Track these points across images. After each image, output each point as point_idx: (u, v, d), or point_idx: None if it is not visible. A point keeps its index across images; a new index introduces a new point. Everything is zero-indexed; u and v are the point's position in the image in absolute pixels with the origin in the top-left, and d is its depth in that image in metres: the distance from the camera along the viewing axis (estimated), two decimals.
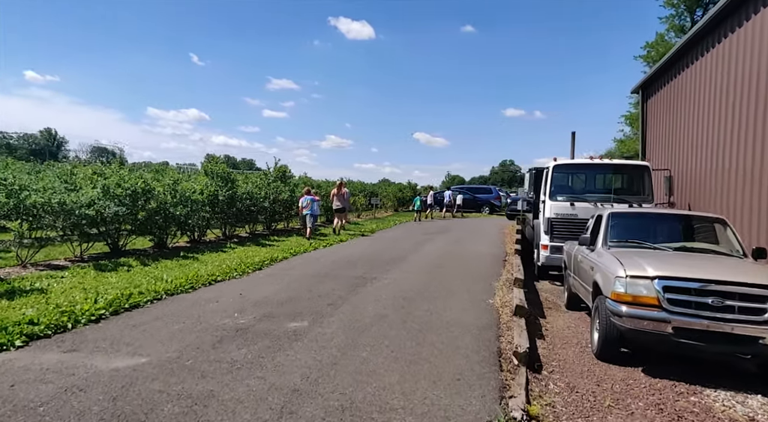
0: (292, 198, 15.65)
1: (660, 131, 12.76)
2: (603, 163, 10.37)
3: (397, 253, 11.33)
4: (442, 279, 8.32)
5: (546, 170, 10.72)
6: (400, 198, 31.86)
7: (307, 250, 11.64)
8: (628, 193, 10.41)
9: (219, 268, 8.65)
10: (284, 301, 6.60)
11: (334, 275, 8.49)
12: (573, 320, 7.02)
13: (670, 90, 12.13)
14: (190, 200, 10.47)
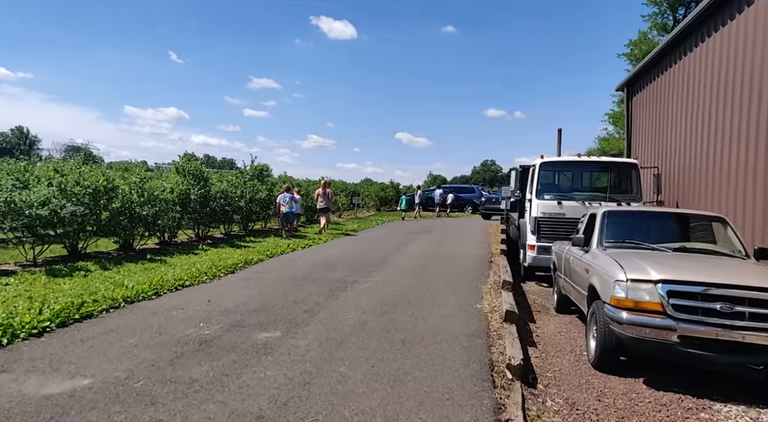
0: (270, 198, 15.05)
1: (646, 129, 12.58)
2: (591, 160, 10.09)
3: (380, 254, 10.86)
4: (427, 282, 7.88)
5: (532, 168, 10.39)
6: (382, 198, 31.41)
7: (284, 252, 11.09)
8: (617, 191, 10.15)
9: (188, 272, 8.05)
10: (256, 308, 6.06)
11: (312, 279, 7.97)
12: (564, 324, 6.66)
13: (655, 87, 11.94)
14: (159, 200, 9.82)
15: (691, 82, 9.78)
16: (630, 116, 13.82)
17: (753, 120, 7.42)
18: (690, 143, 9.69)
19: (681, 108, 10.22)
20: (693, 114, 9.60)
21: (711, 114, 8.78)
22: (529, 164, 10.84)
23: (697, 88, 9.48)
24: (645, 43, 23.56)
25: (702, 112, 9.18)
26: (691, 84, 9.78)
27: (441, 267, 9.33)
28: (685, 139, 9.94)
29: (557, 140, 11.91)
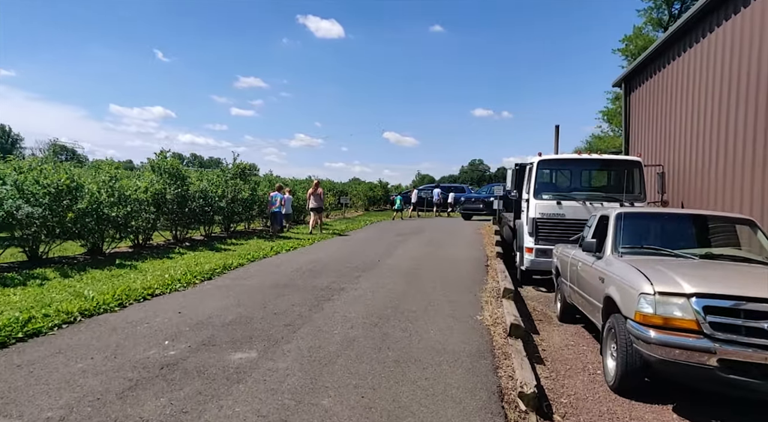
0: (254, 197, 14.32)
1: (646, 125, 12.13)
2: (592, 158, 9.57)
3: (369, 257, 10.23)
4: (421, 289, 7.27)
5: (529, 167, 9.86)
6: (370, 197, 30.77)
7: (267, 255, 10.39)
8: (619, 190, 9.63)
9: (160, 279, 7.34)
10: (231, 321, 5.40)
11: (296, 286, 7.32)
12: (570, 336, 6.11)
13: (656, 82, 11.49)
14: (131, 200, 9.07)
15: (695, 77, 9.32)
16: (628, 112, 13.38)
17: (762, 116, 6.98)
18: (695, 140, 9.23)
19: (685, 103, 9.76)
20: (698, 110, 9.14)
21: (717, 110, 8.32)
22: (525, 163, 10.30)
23: (701, 83, 9.02)
24: (640, 38, 23.25)
25: (708, 107, 8.72)
26: (695, 79, 9.32)
27: (435, 272, 8.73)
28: (690, 136, 9.48)
29: (554, 137, 11.42)
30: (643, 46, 21.90)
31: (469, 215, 22.75)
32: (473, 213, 22.59)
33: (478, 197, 23.19)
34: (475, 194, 25.61)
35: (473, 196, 24.32)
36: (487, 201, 21.87)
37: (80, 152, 37.61)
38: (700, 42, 8.96)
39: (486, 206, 21.89)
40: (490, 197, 22.03)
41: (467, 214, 22.82)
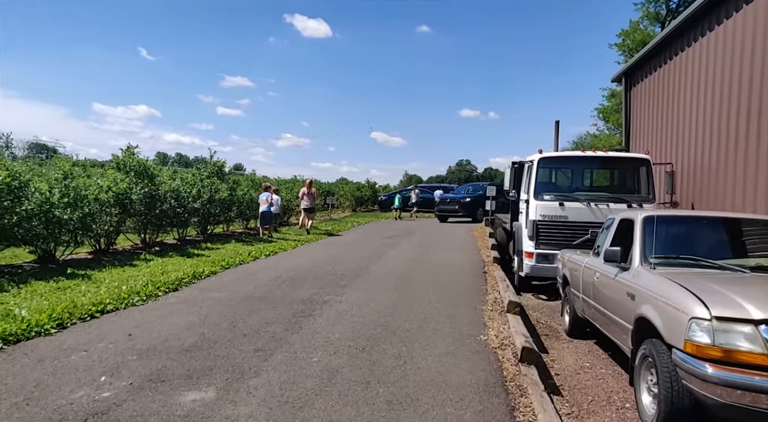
0: (233, 198, 13.37)
1: (648, 122, 11.49)
2: (597, 156, 8.85)
3: (356, 263, 9.38)
4: (415, 301, 6.45)
5: (528, 165, 9.11)
6: (358, 197, 29.88)
7: (244, 261, 9.48)
8: (625, 190, 8.99)
9: (115, 291, 6.40)
10: (191, 346, 4.51)
11: (273, 299, 6.44)
12: (584, 355, 5.36)
13: (661, 76, 10.84)
14: (89, 200, 8.09)
15: (706, 69, 8.65)
16: (629, 108, 12.74)
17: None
18: (707, 137, 8.56)
19: (694, 98, 9.10)
20: (710, 104, 8.48)
21: (737, 104, 7.65)
22: (524, 160, 9.55)
23: (713, 75, 8.36)
24: (638, 32, 22.65)
25: (721, 102, 8.06)
26: (706, 71, 8.65)
27: (429, 280, 7.91)
28: (700, 132, 8.81)
29: (554, 133, 10.70)
30: (642, 41, 21.28)
31: (444, 217, 21.26)
32: (449, 215, 21.13)
33: (454, 198, 21.81)
34: (450, 194, 23.86)
35: (448, 197, 22.67)
36: (464, 202, 20.74)
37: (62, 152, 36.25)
38: (714, 30, 8.30)
39: (462, 208, 20.67)
40: (466, 197, 21.06)
41: (443, 216, 21.31)
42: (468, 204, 20.64)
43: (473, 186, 24.40)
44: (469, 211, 20.60)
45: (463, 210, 20.65)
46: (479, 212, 20.28)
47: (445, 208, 21.30)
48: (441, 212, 21.38)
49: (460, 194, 22.63)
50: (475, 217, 20.48)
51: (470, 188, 24.21)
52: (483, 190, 21.47)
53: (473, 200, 20.60)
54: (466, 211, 20.60)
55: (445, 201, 21.75)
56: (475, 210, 20.46)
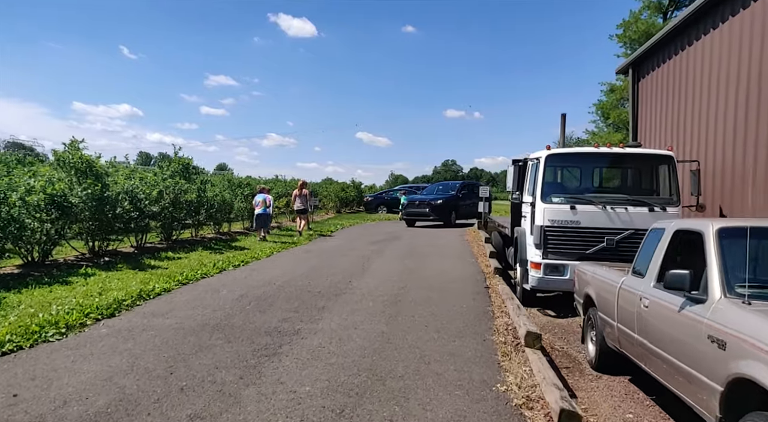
0: (201, 199, 11.99)
1: (660, 116, 10.44)
2: (613, 152, 7.74)
3: (337, 277, 8.11)
4: (408, 330, 5.21)
5: (534, 163, 7.97)
6: (343, 198, 28.55)
7: (207, 274, 8.13)
8: (644, 192, 7.92)
9: (26, 321, 5.02)
10: (97, 413, 3.21)
11: (232, 329, 5.14)
12: (621, 399, 4.25)
13: (675, 66, 9.80)
14: (9, 203, 6.68)
15: (737, 55, 7.59)
16: (636, 101, 11.70)
17: None
18: (738, 132, 7.50)
19: (718, 89, 8.05)
20: (740, 95, 7.42)
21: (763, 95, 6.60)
22: (528, 157, 8.39)
23: (747, 61, 7.30)
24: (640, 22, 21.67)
25: (759, 91, 7.00)
26: (737, 57, 7.59)
27: (423, 299, 6.68)
28: (729, 126, 7.75)
29: (561, 127, 9.54)
30: (645, 32, 20.17)
31: (412, 220, 18.82)
32: (417, 218, 18.72)
33: (424, 200, 19.13)
34: (419, 195, 20.98)
35: (417, 198, 19.85)
36: (435, 204, 18.38)
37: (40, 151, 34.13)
38: (749, 7, 7.23)
39: (433, 211, 18.29)
40: (438, 199, 18.79)
41: (410, 220, 18.80)
42: (440, 207, 18.29)
43: (444, 186, 21.88)
44: (440, 214, 18.22)
45: (435, 213, 18.22)
46: (452, 216, 18.48)
47: (414, 211, 18.71)
48: (409, 216, 18.70)
49: (431, 195, 19.77)
50: (448, 221, 18.32)
51: (440, 187, 21.56)
52: (456, 190, 19.59)
53: (445, 202, 18.51)
54: (438, 214, 18.21)
55: (414, 203, 19.06)
56: (447, 214, 18.35)
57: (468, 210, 19.00)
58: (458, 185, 20.23)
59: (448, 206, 18.35)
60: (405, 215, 18.93)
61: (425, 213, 18.34)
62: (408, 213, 18.84)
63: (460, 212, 18.92)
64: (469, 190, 20.18)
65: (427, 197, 19.52)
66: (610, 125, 24.26)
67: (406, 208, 19.12)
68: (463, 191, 19.67)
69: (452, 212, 18.41)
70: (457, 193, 19.28)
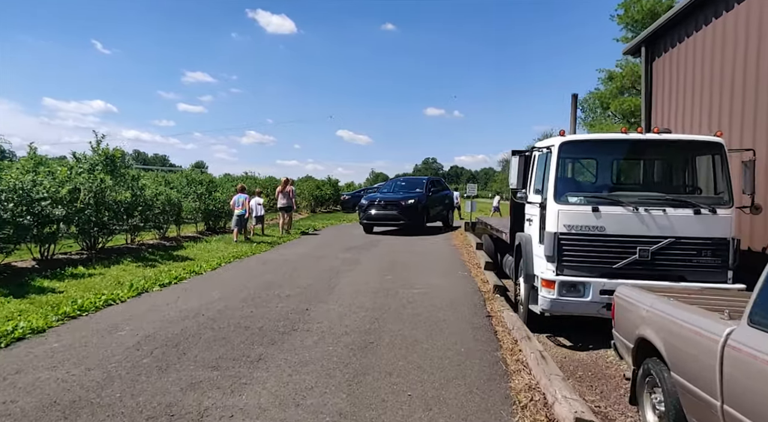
0: (138, 199, 9.86)
1: (681, 99, 8.81)
2: (647, 139, 6.00)
3: (291, 301, 6.17)
4: (381, 412, 3.31)
5: (544, 153, 6.21)
6: (317, 197, 26.49)
7: (116, 299, 6.06)
8: (684, 189, 6.27)
9: None
10: None
11: (93, 412, 3.16)
12: None
13: (704, 40, 8.16)
14: None
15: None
16: (650, 84, 10.06)
17: None
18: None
19: (757, 64, 6.41)
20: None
21: None
22: (536, 147, 6.58)
23: None
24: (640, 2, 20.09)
25: None
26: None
27: (405, 341, 4.76)
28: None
29: (571, 108, 7.76)
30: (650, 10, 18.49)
31: (370, 226, 14.81)
32: (380, 223, 14.80)
33: (391, 199, 14.79)
34: (381, 194, 16.25)
35: (380, 197, 15.22)
36: (406, 204, 14.36)
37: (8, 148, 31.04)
38: None
39: (404, 212, 14.23)
40: (409, 198, 14.68)
41: (369, 224, 14.79)
42: (412, 208, 14.34)
43: (407, 182, 17.41)
44: (412, 217, 14.32)
45: (406, 216, 14.22)
46: (425, 219, 15.03)
47: (378, 213, 14.41)
48: (370, 219, 14.53)
49: (398, 194, 15.58)
50: (420, 225, 14.80)
51: (402, 184, 17.20)
52: (424, 187, 15.76)
53: (418, 203, 14.63)
54: (410, 217, 14.26)
55: (377, 203, 14.64)
56: (421, 216, 14.67)
57: (437, 212, 16.19)
58: (425, 182, 16.48)
59: (421, 206, 14.80)
60: (365, 219, 14.60)
61: (394, 216, 14.37)
62: (369, 216, 14.47)
63: (431, 213, 15.60)
64: (437, 188, 16.95)
65: (395, 196, 15.24)
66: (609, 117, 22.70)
67: (365, 209, 14.66)
68: (432, 188, 16.27)
69: (424, 215, 14.95)
70: (427, 191, 15.70)
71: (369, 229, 14.95)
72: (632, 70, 20.47)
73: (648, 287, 4.46)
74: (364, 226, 15.01)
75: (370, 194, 17.11)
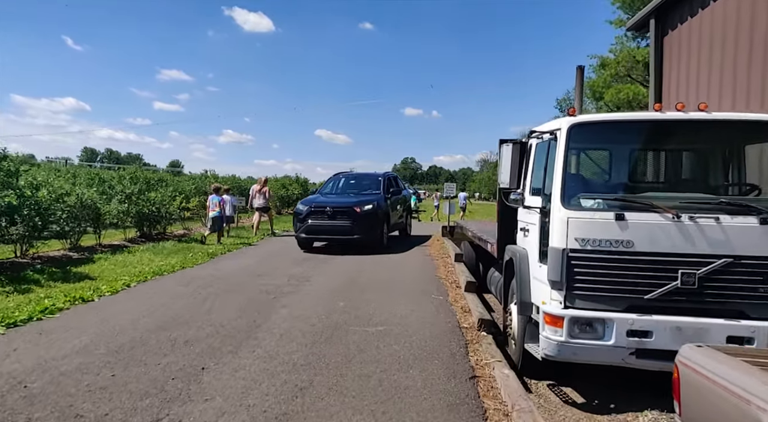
0: (23, 203, 7.71)
1: (702, 78, 7.22)
2: (688, 119, 4.27)
3: (186, 352, 4.20)
4: None
5: (547, 142, 4.44)
6: (283, 197, 24.39)
7: None
8: (744, 190, 4.64)
9: None
10: None
11: None
12: None
13: (723, 9, 6.57)
14: None
15: None
16: (660, 62, 8.45)
17: None
18: None
19: None
20: None
21: None
22: (537, 131, 4.74)
23: None
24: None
25: None
26: None
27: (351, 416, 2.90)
28: None
29: (576, 83, 6.00)
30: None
31: (309, 240, 10.79)
32: (323, 238, 10.88)
33: (340, 205, 10.73)
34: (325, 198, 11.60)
35: (325, 202, 10.97)
36: (362, 212, 10.42)
37: None
38: None
39: (358, 223, 10.33)
40: (364, 202, 10.75)
41: (309, 239, 10.76)
42: (369, 217, 10.51)
43: (355, 179, 13.00)
44: (369, 229, 10.48)
45: (363, 228, 10.35)
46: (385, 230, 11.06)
47: (323, 225, 10.48)
48: (310, 234, 10.58)
49: (349, 198, 11.44)
50: (378, 240, 10.82)
51: (350, 181, 12.80)
52: (381, 187, 11.70)
53: (377, 209, 10.77)
54: (367, 229, 10.41)
55: (321, 210, 10.57)
56: (379, 226, 10.88)
57: (396, 220, 12.37)
58: (382, 180, 12.09)
59: (381, 213, 10.93)
60: (304, 232, 10.56)
61: (344, 229, 10.35)
62: (310, 229, 10.49)
63: (391, 222, 11.70)
64: (396, 188, 12.88)
65: (345, 201, 11.10)
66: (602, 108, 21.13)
67: (303, 219, 10.57)
68: (391, 189, 12.19)
69: (385, 224, 11.08)
70: (385, 192, 11.61)
71: (308, 245, 10.91)
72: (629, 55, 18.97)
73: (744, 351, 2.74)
74: (300, 242, 10.81)
75: (310, 197, 12.25)
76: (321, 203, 10.91)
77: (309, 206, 10.77)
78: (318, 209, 10.62)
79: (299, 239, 10.85)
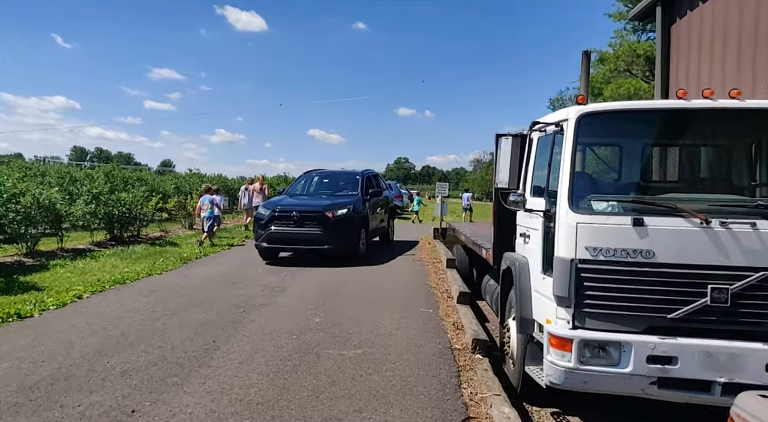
0: None
1: (715, 69, 6.61)
2: (721, 107, 3.60)
3: (118, 388, 3.46)
4: None
5: (552, 135, 3.71)
6: (270, 197, 23.52)
7: None
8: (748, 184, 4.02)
9: None
10: None
11: None
12: None
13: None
14: None
15: None
16: (667, 52, 7.84)
17: None
18: None
19: None
20: None
21: None
22: (540, 122, 4.05)
23: None
24: None
25: None
26: None
27: None
28: None
29: (582, 70, 5.35)
30: None
31: (275, 251, 9.28)
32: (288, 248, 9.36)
33: (311, 209, 9.19)
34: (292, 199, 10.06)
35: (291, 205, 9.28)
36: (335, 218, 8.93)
37: None
38: None
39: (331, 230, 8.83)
40: (338, 205, 9.24)
41: (271, 249, 9.16)
42: (345, 222, 9.07)
43: (332, 179, 11.36)
44: (345, 238, 9.08)
45: (335, 237, 8.87)
46: (362, 237, 9.72)
47: (288, 233, 8.93)
48: (272, 243, 9.01)
49: (321, 200, 9.85)
50: (354, 249, 9.43)
51: (326, 180, 11.21)
52: (358, 187, 10.29)
53: (353, 212, 9.33)
54: (340, 238, 8.96)
55: (287, 215, 8.96)
56: (357, 234, 9.54)
57: (377, 225, 10.94)
58: (360, 179, 10.58)
59: (359, 218, 9.56)
60: (266, 241, 9.00)
61: (314, 237, 8.84)
62: (273, 237, 8.95)
63: (370, 228, 10.32)
64: (376, 189, 11.31)
65: (315, 204, 9.51)
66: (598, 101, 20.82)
67: (266, 224, 9.03)
68: (370, 189, 10.69)
69: (362, 231, 9.74)
70: (364, 193, 10.19)
71: (271, 255, 9.31)
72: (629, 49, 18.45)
73: None
74: (261, 251, 9.23)
75: (274, 199, 10.54)
76: (286, 207, 9.15)
77: (272, 210, 9.08)
78: (283, 213, 8.93)
79: (260, 248, 9.11)
